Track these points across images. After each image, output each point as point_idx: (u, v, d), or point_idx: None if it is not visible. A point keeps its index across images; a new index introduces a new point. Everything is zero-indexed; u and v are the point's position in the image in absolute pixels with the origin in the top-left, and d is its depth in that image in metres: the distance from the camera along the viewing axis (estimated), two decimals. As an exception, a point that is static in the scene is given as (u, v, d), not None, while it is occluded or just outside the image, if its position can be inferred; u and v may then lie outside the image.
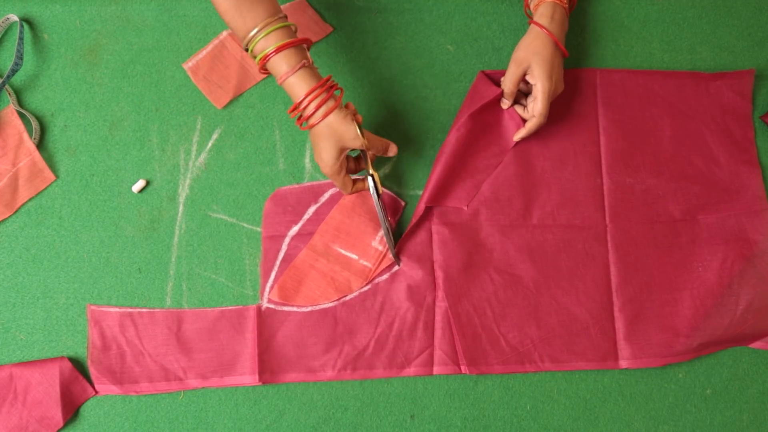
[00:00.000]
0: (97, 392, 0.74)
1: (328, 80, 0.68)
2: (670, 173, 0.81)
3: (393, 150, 0.74)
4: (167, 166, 0.80)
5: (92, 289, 0.77)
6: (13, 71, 0.79)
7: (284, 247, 0.78)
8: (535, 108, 0.75)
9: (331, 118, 0.67)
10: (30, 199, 0.79)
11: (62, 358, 0.74)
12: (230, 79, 0.82)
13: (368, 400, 0.76)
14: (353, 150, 0.72)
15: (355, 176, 0.75)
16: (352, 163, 0.74)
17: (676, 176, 0.81)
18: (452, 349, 0.76)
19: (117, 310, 0.76)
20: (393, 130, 0.82)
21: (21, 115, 0.79)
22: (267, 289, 0.77)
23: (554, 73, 0.74)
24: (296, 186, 0.80)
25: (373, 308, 0.77)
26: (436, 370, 0.76)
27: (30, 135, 0.79)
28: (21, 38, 0.80)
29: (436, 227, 0.78)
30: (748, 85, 0.84)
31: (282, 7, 0.83)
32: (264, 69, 0.69)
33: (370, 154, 0.72)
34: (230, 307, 0.77)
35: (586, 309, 0.78)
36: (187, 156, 0.81)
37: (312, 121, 0.68)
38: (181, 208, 0.79)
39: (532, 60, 0.73)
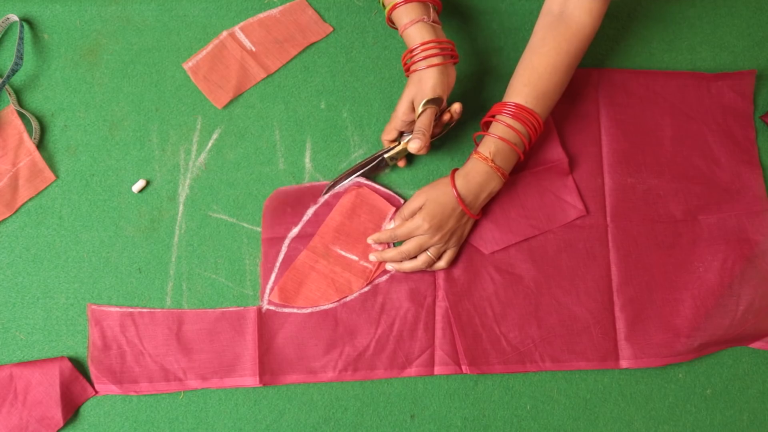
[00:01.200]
0: (97, 392, 0.74)
1: (446, 41, 0.71)
2: (671, 173, 0.81)
3: (414, 145, 0.70)
4: (167, 166, 0.80)
5: (92, 289, 0.77)
6: (13, 71, 0.79)
7: (284, 249, 0.78)
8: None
9: (427, 71, 0.69)
10: (30, 199, 0.79)
11: (62, 358, 0.74)
12: (230, 79, 0.82)
13: (368, 400, 0.76)
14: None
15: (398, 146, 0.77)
16: (422, 122, 0.72)
17: (677, 176, 0.81)
18: (453, 349, 0.76)
19: (118, 309, 0.76)
20: (393, 130, 0.82)
21: (21, 115, 0.79)
22: (267, 290, 0.77)
23: (435, 222, 0.71)
24: (296, 186, 0.80)
25: (374, 309, 0.77)
26: (437, 370, 0.76)
27: (30, 135, 0.79)
28: (21, 38, 0.80)
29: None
30: (749, 85, 0.84)
31: (282, 7, 0.84)
32: (390, 21, 0.73)
33: (437, 114, 0.72)
34: (231, 309, 0.77)
35: (586, 309, 0.78)
36: (187, 156, 0.81)
37: (413, 67, 0.70)
38: (181, 208, 0.79)
39: (426, 200, 0.72)
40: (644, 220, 0.80)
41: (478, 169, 0.71)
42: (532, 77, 0.71)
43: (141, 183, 0.79)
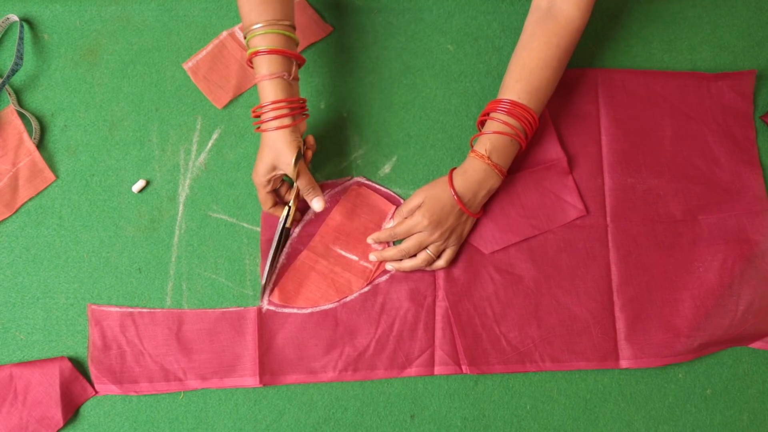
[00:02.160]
0: (97, 392, 0.74)
1: (297, 100, 0.70)
2: (671, 173, 0.81)
3: (318, 204, 0.73)
4: (167, 166, 0.80)
5: (92, 289, 0.77)
6: (13, 71, 0.79)
7: (284, 249, 0.78)
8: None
9: (279, 134, 0.69)
10: (30, 199, 0.79)
11: (62, 358, 0.74)
12: (230, 79, 0.82)
13: (368, 400, 0.76)
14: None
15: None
16: (285, 189, 0.76)
17: (677, 176, 0.81)
18: (453, 349, 0.76)
19: (118, 309, 0.76)
20: (393, 130, 0.82)
21: (21, 115, 0.79)
22: (267, 291, 0.77)
23: (434, 219, 0.72)
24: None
25: (374, 309, 0.77)
26: (437, 370, 0.76)
27: (30, 135, 0.79)
28: (21, 38, 0.80)
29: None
30: (749, 85, 0.84)
31: (282, 7, 0.84)
32: (250, 63, 0.70)
33: (297, 188, 0.73)
34: (231, 309, 0.77)
35: (586, 309, 0.78)
36: (187, 156, 0.81)
37: (263, 127, 0.69)
38: (181, 208, 0.79)
39: (425, 198, 0.73)
40: (644, 220, 0.80)
41: (475, 167, 0.72)
42: (524, 73, 0.71)
43: (141, 183, 0.79)
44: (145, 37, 0.83)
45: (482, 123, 0.74)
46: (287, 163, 0.69)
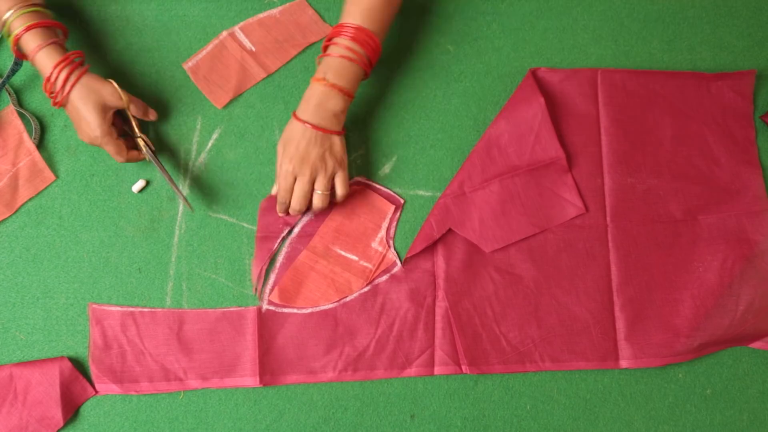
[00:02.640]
0: (97, 392, 0.74)
1: (73, 53, 0.71)
2: (671, 173, 0.81)
3: (152, 114, 0.77)
4: (167, 166, 0.80)
5: (92, 289, 0.77)
6: (13, 71, 0.79)
7: (285, 249, 0.78)
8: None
9: (84, 80, 0.70)
10: (30, 199, 0.79)
11: (62, 358, 0.74)
12: (230, 79, 0.82)
13: (368, 401, 0.76)
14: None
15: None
16: (119, 124, 0.76)
17: (677, 176, 0.81)
18: (453, 349, 0.76)
19: (119, 309, 0.76)
20: (393, 130, 0.82)
21: (21, 115, 0.79)
22: (267, 291, 0.77)
23: (296, 154, 0.71)
24: None
25: (374, 309, 0.77)
26: (437, 370, 0.76)
27: (30, 135, 0.79)
28: (21, 38, 0.80)
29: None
30: (749, 85, 0.84)
31: (282, 7, 0.84)
32: (20, 52, 0.71)
33: (132, 114, 0.75)
34: (231, 309, 0.77)
35: (586, 309, 0.78)
36: (187, 156, 0.81)
37: (66, 90, 0.70)
38: (181, 208, 0.79)
39: (282, 143, 0.73)
40: (644, 220, 0.80)
41: (313, 91, 0.72)
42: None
43: (141, 183, 0.79)
44: (145, 37, 0.83)
45: (325, 48, 0.74)
46: (112, 92, 0.72)
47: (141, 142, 0.75)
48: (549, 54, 0.85)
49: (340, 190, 0.75)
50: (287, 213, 0.76)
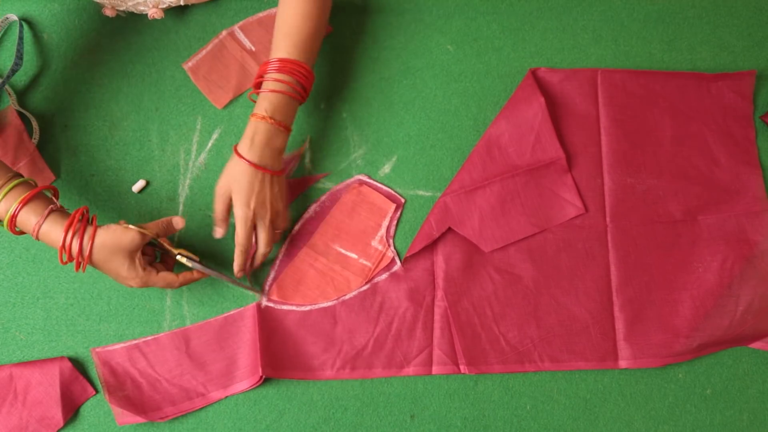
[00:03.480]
0: (119, 423, 0.73)
1: (78, 212, 0.65)
2: (671, 174, 0.81)
3: (179, 222, 0.71)
4: (167, 166, 0.80)
5: (92, 289, 0.77)
6: (13, 71, 0.79)
7: (283, 246, 0.78)
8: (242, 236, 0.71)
9: (99, 239, 0.64)
10: (30, 199, 0.79)
11: (62, 358, 0.74)
12: (230, 79, 0.82)
13: (368, 400, 0.76)
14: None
15: (167, 272, 0.71)
16: (150, 253, 0.72)
17: (677, 177, 0.81)
18: (451, 348, 0.76)
19: (122, 345, 0.75)
20: (393, 130, 0.82)
21: (21, 115, 0.79)
22: (266, 288, 0.77)
23: (254, 199, 0.70)
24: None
25: (372, 308, 0.77)
26: (435, 369, 0.76)
27: (30, 135, 0.79)
28: (21, 38, 0.80)
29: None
30: (749, 86, 0.84)
31: (282, 7, 0.84)
32: (17, 229, 0.64)
33: (160, 240, 0.70)
34: (231, 312, 0.76)
35: (586, 309, 0.78)
36: (187, 156, 0.81)
37: (85, 257, 0.64)
38: (181, 208, 0.79)
39: (231, 188, 0.70)
40: (644, 221, 0.80)
41: (261, 130, 0.70)
42: (288, 29, 0.73)
43: (141, 183, 0.79)
44: (145, 37, 0.83)
45: (258, 85, 0.73)
46: (132, 237, 0.65)
47: (183, 259, 0.71)
48: (549, 54, 0.85)
49: (280, 222, 0.74)
50: (249, 266, 0.74)
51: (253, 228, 0.72)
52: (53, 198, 0.67)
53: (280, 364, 0.75)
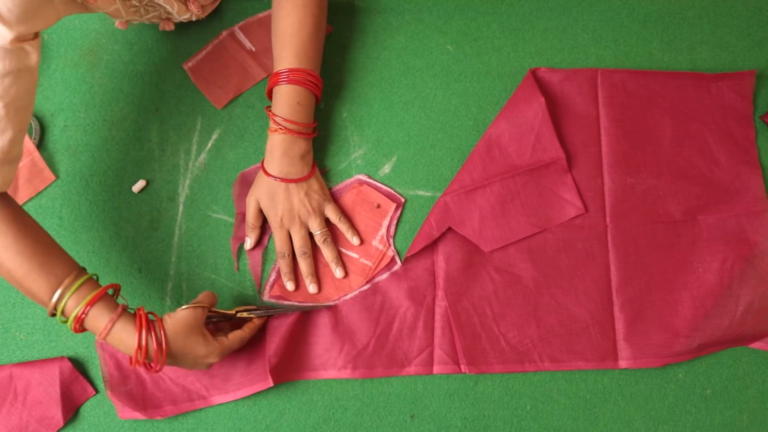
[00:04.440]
0: (120, 417, 0.73)
1: (139, 311, 0.63)
2: (671, 174, 0.81)
3: (214, 296, 0.71)
4: (167, 166, 0.80)
5: (92, 289, 0.77)
6: (13, 71, 0.79)
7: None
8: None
9: (169, 325, 0.64)
10: (30, 199, 0.79)
11: (62, 358, 0.74)
12: (230, 79, 0.82)
13: (368, 400, 0.76)
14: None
15: (226, 334, 0.70)
16: (212, 327, 0.72)
17: (677, 177, 0.81)
18: (452, 348, 0.76)
19: None
20: (393, 130, 0.82)
21: (21, 115, 0.79)
22: (267, 287, 0.77)
23: (280, 209, 0.74)
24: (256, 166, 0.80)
25: (373, 307, 0.77)
26: (435, 369, 0.76)
27: (30, 135, 0.79)
28: (21, 38, 0.80)
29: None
30: (749, 86, 0.84)
31: (282, 7, 0.84)
32: (81, 328, 0.62)
33: (211, 308, 0.69)
34: None
35: (585, 309, 0.78)
36: (187, 156, 0.81)
37: (163, 355, 0.63)
38: (181, 208, 0.79)
39: (260, 202, 0.75)
40: (644, 221, 0.80)
41: (277, 142, 0.73)
42: (286, 40, 0.74)
43: (141, 183, 0.79)
44: (145, 36, 0.83)
45: (271, 94, 0.76)
46: (194, 316, 0.65)
47: (245, 314, 0.72)
48: (549, 54, 0.85)
49: (333, 216, 0.77)
50: (295, 277, 0.76)
51: (288, 235, 0.75)
52: (114, 293, 0.65)
53: (283, 367, 0.75)
